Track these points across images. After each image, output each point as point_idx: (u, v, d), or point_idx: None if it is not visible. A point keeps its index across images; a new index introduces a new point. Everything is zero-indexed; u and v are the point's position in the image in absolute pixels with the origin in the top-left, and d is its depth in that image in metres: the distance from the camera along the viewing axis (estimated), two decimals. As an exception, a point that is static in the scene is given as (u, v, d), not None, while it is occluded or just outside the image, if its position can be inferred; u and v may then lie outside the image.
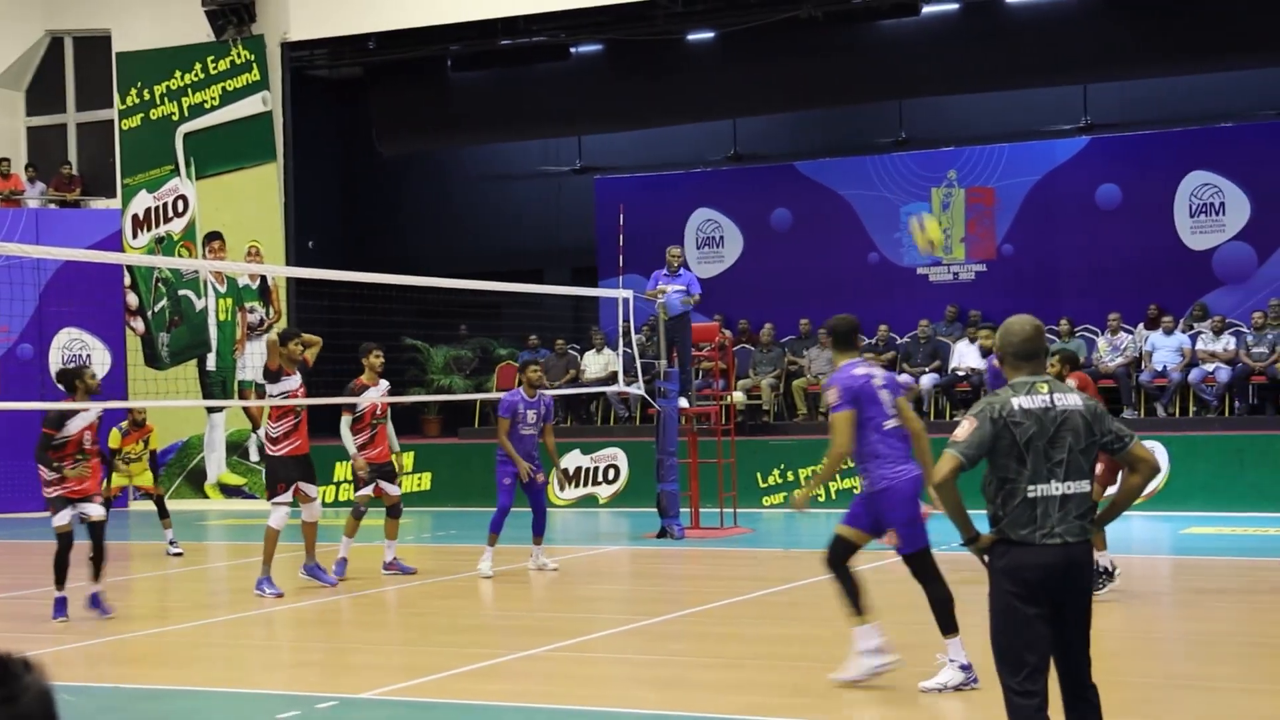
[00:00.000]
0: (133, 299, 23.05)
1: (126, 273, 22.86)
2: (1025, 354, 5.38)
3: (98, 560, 11.20)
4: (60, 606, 11.13)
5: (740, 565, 14.22)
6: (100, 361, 22.54)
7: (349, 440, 13.10)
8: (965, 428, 5.26)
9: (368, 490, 13.31)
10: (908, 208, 21.99)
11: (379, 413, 13.30)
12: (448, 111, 23.46)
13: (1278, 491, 16.98)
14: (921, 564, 8.01)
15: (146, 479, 15.76)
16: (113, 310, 22.88)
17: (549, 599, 12.28)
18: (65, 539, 11.01)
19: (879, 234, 22.29)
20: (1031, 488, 5.18)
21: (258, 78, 22.37)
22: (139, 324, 23.02)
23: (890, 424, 8.02)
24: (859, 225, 22.45)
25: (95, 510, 11.08)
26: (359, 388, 13.26)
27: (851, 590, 8.11)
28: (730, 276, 22.96)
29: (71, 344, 22.60)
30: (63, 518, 10.95)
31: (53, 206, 23.64)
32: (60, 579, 11.11)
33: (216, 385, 22.51)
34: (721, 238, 23.27)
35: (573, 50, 22.56)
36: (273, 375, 12.29)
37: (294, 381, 12.27)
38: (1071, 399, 5.29)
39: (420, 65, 22.92)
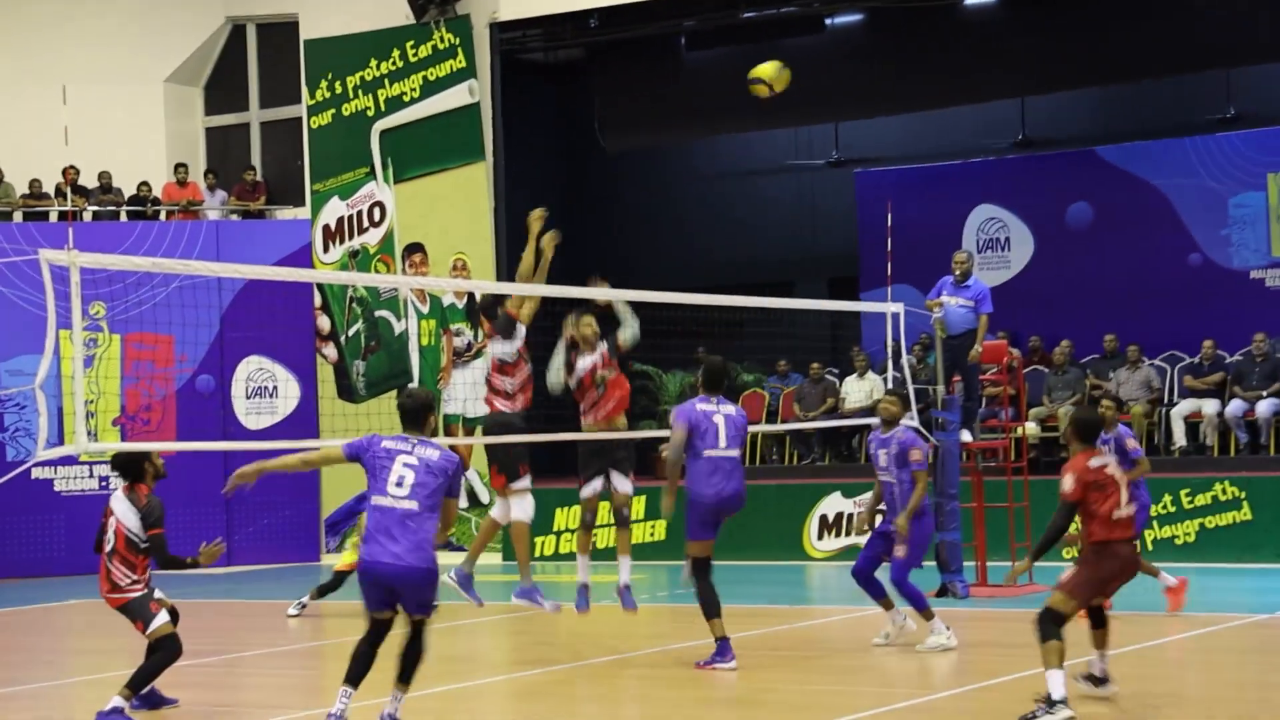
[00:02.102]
0: (324, 322, 23.64)
1: (317, 292, 23.46)
2: None
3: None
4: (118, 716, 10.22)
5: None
6: (289, 395, 23.17)
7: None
8: None
9: (594, 488, 13.23)
10: (1238, 199, 21.33)
11: (603, 367, 13.37)
12: (682, 98, 23.56)
13: None
14: None
15: None
16: (302, 335, 23.51)
17: (808, 670, 12.14)
18: (175, 643, 10.36)
19: (1202, 231, 21.70)
20: None
21: (464, 64, 22.78)
22: (331, 351, 23.60)
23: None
24: (1177, 220, 21.90)
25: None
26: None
27: None
28: (1018, 285, 22.60)
29: (257, 374, 23.29)
30: (163, 616, 10.35)
31: (235, 218, 24.42)
32: (144, 686, 10.40)
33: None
34: (1007, 239, 22.94)
35: (828, 22, 22.45)
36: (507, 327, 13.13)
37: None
38: None
39: (649, 44, 23.07)
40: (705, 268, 24.80)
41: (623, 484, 13.39)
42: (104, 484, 22.62)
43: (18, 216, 23.65)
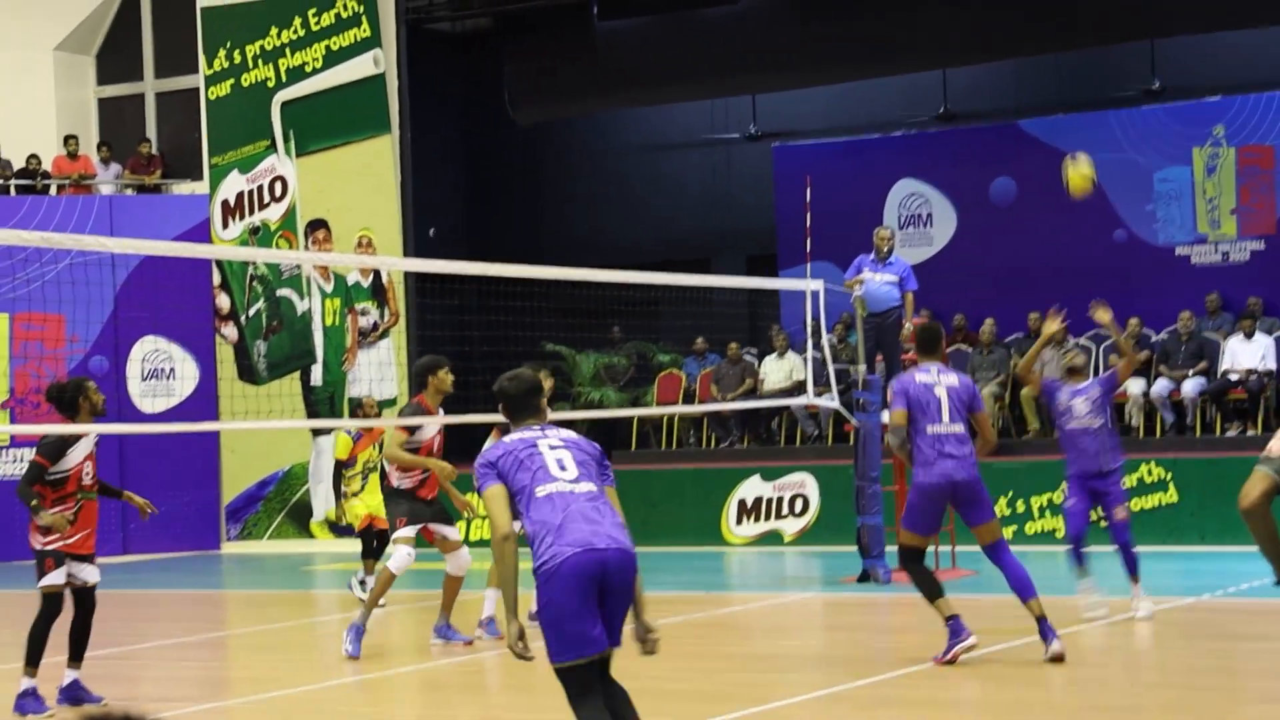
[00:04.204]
0: (224, 301, 23.47)
1: (216, 270, 23.29)
2: None
3: (81, 638, 10.50)
4: (31, 700, 10.36)
5: (961, 616, 13.96)
6: (186, 376, 23.00)
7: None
8: None
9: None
10: (1163, 173, 21.53)
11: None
12: (594, 69, 23.51)
13: None
14: None
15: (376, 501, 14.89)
16: (201, 315, 23.32)
17: (724, 657, 12.18)
18: (53, 602, 10.32)
19: (1127, 207, 21.86)
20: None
21: (368, 34, 22.65)
22: (231, 331, 23.43)
23: None
24: (1102, 196, 21.99)
25: (90, 573, 10.47)
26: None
27: None
28: (941, 262, 22.68)
29: (153, 355, 23.09)
30: (56, 577, 10.28)
31: (129, 192, 24.19)
32: (36, 657, 10.34)
33: (323, 403, 22.81)
34: (930, 215, 23.02)
35: (744, -11, 22.51)
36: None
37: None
38: None
39: (560, 14, 23.04)
40: (620, 244, 24.76)
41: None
42: (-7, 470, 22.37)
43: (-101, 190, 23.34)
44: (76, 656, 10.52)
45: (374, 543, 15.65)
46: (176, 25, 24.44)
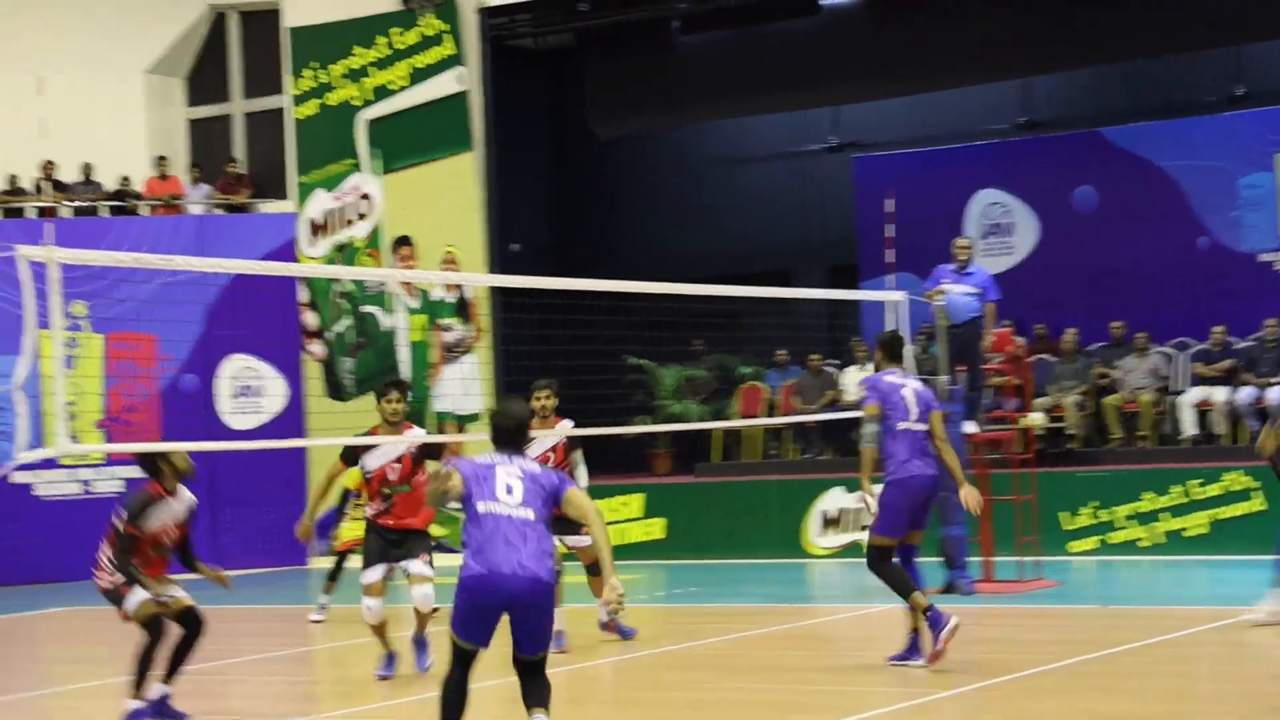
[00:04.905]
0: (310, 319, 23.64)
1: (303, 287, 23.47)
2: None
3: (181, 658, 10.40)
4: None
5: (1045, 626, 13.94)
6: (275, 393, 23.17)
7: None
8: None
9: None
10: (1248, 179, 21.31)
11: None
12: (676, 83, 23.57)
13: None
14: None
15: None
16: (288, 333, 23.50)
17: (809, 669, 12.15)
18: (154, 628, 10.15)
19: (1210, 213, 21.65)
20: None
21: (452, 51, 22.79)
22: (318, 348, 23.60)
23: None
24: (1185, 203, 21.85)
25: (177, 590, 10.34)
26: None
27: None
28: (1023, 271, 22.55)
29: (242, 373, 23.28)
30: (138, 595, 10.13)
31: (218, 212, 24.44)
32: (141, 680, 10.24)
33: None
34: (1012, 224, 22.90)
35: (823, 2, 22.45)
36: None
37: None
38: None
39: (642, 29, 23.08)
40: (701, 257, 24.79)
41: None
42: (85, 488, 22.63)
43: (-6, 213, 23.68)
44: (171, 673, 10.42)
45: (340, 567, 15.98)
46: (264, 47, 24.71)
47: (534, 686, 7.91)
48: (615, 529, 21.26)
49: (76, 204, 23.83)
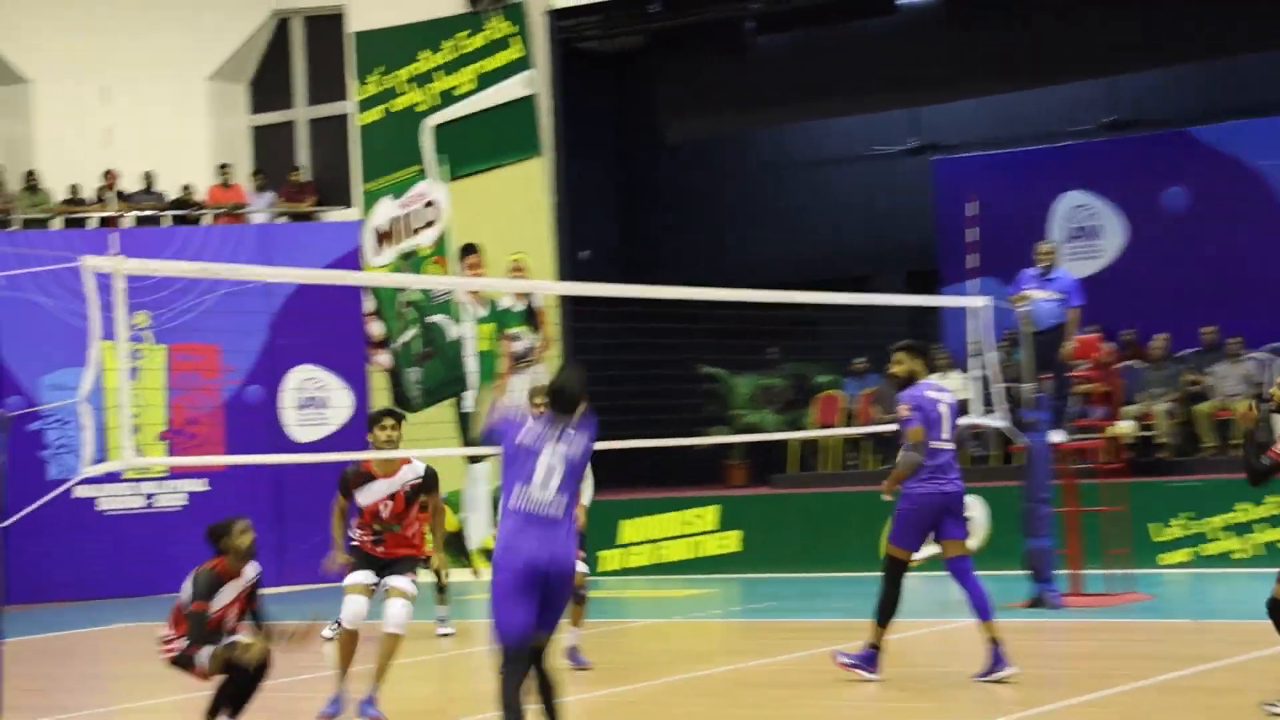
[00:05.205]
0: (376, 328, 23.75)
1: (368, 297, 23.58)
2: None
3: (245, 697, 10.25)
4: None
5: (1137, 641, 13.85)
6: (340, 405, 23.29)
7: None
8: None
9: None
10: (1346, 180, 21.16)
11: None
12: (749, 85, 23.59)
13: None
14: None
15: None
16: (353, 343, 23.62)
17: (892, 685, 12.11)
18: (233, 668, 10.07)
19: (1305, 215, 21.51)
20: None
21: (520, 54, 22.85)
22: (384, 358, 23.71)
23: None
24: (1277, 204, 21.69)
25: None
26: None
27: None
28: (1110, 276, 22.43)
29: (307, 384, 23.41)
30: (210, 650, 9.97)
31: (282, 220, 24.59)
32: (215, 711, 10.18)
33: (478, 430, 22.93)
34: (1098, 227, 22.79)
35: (900, 1, 22.41)
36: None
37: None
38: None
39: (714, 29, 23.08)
40: (775, 263, 24.73)
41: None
42: (149, 501, 22.82)
43: (56, 223, 23.91)
44: (235, 712, 10.22)
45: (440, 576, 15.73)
46: (327, 52, 24.85)
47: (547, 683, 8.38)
48: (690, 542, 21.30)
49: (139, 214, 24.03)
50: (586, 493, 12.63)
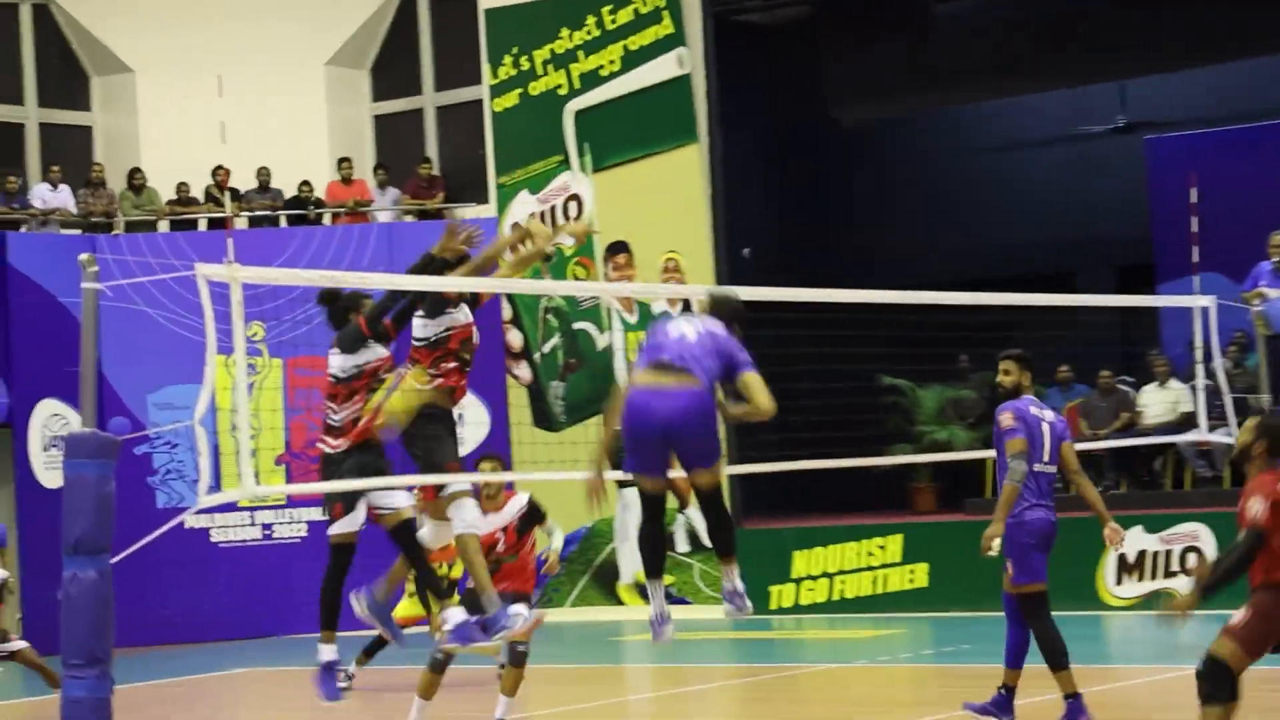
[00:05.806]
0: (515, 338, 23.77)
1: (505, 304, 23.61)
2: None
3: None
4: (327, 678, 11.15)
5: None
6: (476, 422, 23.30)
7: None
8: None
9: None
10: None
11: (500, 551, 12.26)
12: (932, 60, 23.39)
13: None
14: None
15: None
16: (490, 354, 23.61)
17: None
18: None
19: None
20: None
21: (671, 30, 22.78)
22: (524, 371, 23.72)
23: None
24: None
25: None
26: None
27: None
28: (1356, 269, 21.99)
29: (439, 401, 23.44)
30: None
31: (409, 219, 24.68)
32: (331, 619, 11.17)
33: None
34: (1341, 214, 22.37)
35: (1104, -39, 22.20)
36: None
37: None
38: None
39: (888, -2, 22.96)
40: (963, 260, 24.56)
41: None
42: (266, 533, 22.97)
43: (163, 226, 24.16)
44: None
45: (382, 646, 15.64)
46: (457, 32, 24.93)
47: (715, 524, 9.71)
48: (871, 576, 21.09)
49: (252, 214, 24.22)
50: (557, 537, 12.98)
